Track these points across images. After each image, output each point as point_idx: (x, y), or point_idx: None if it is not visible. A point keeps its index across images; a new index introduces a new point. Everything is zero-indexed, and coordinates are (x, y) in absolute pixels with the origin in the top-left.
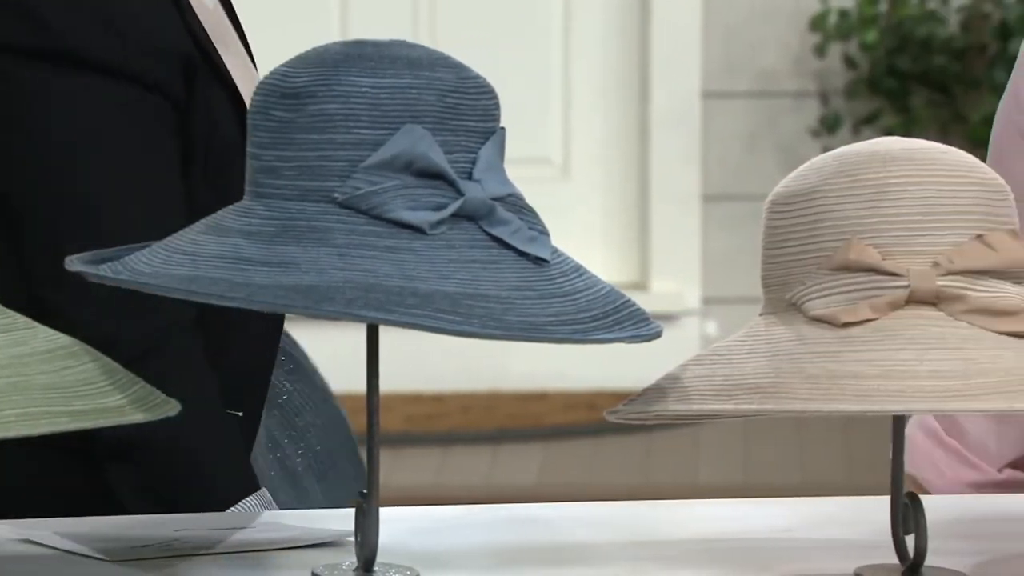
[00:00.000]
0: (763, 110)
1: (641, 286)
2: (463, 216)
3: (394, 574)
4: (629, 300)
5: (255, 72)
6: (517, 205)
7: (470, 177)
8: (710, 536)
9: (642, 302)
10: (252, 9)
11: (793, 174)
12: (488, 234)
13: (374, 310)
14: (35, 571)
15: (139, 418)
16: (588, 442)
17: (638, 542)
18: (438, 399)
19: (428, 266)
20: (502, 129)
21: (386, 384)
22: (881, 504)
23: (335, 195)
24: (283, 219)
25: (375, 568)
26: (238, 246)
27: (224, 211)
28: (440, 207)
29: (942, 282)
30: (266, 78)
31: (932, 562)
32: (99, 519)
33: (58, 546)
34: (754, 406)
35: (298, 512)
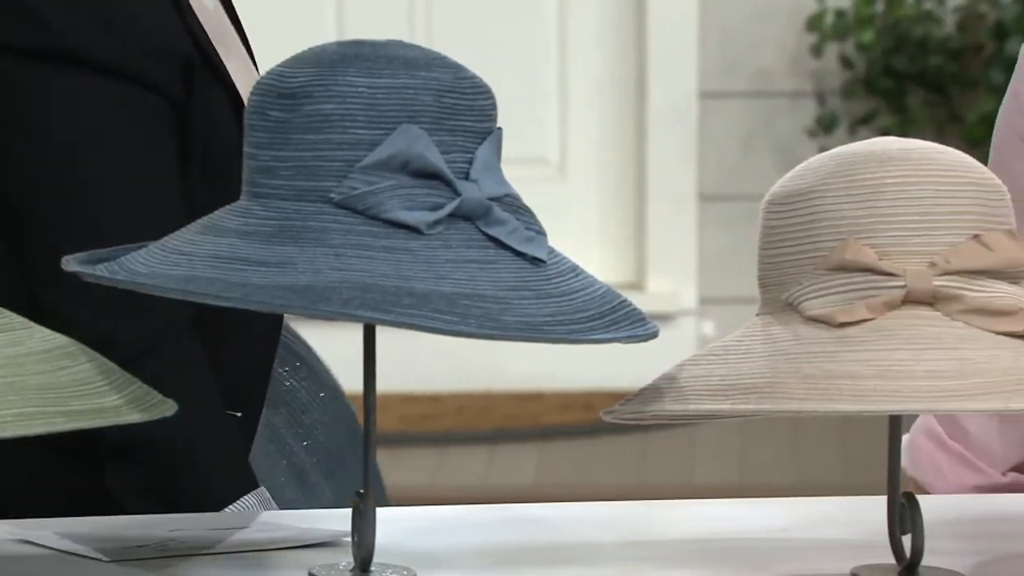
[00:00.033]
0: (759, 110)
1: (637, 286)
2: (460, 216)
3: (391, 574)
4: (626, 300)
5: (256, 73)
6: (514, 205)
7: (467, 177)
8: (706, 536)
9: (638, 302)
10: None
11: (790, 174)
12: (485, 234)
13: (371, 310)
14: (33, 571)
15: (136, 418)
16: (584, 442)
17: (635, 542)
18: (434, 399)
19: (425, 266)
20: (499, 129)
21: (382, 384)
22: (878, 504)
23: (332, 195)
24: (280, 219)
25: (372, 568)
26: (234, 246)
27: (221, 211)
28: (437, 207)
29: (939, 282)
30: (262, 78)
31: (929, 562)
32: (96, 519)
33: (55, 546)
34: (751, 406)
35: (295, 512)
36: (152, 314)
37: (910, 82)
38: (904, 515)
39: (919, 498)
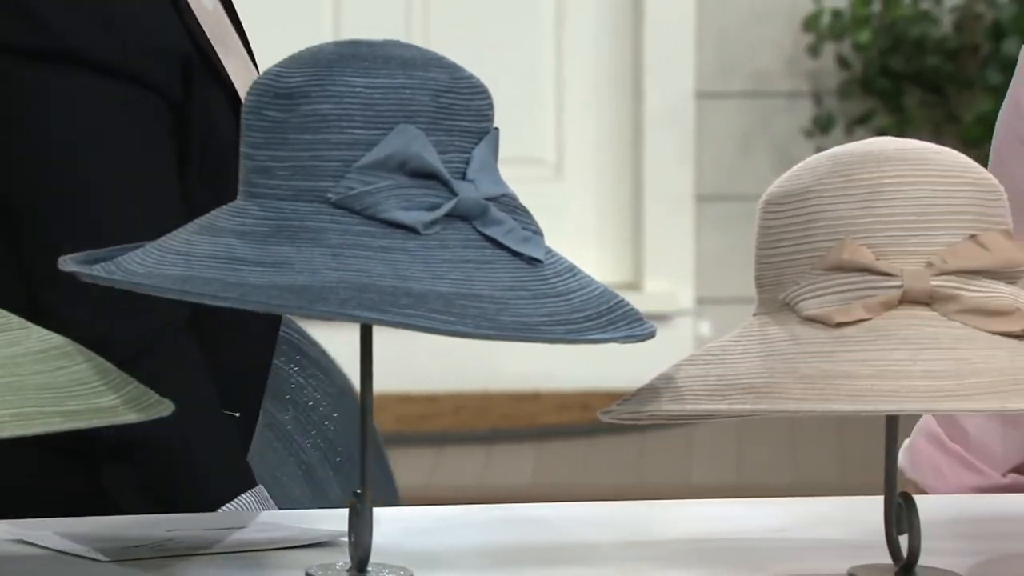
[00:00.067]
0: (756, 110)
1: (634, 286)
2: (457, 216)
3: (387, 574)
4: (623, 300)
5: (256, 73)
6: (511, 205)
7: (464, 177)
8: (703, 536)
9: (635, 302)
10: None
11: (787, 174)
12: (482, 234)
13: (368, 310)
14: (31, 571)
15: (132, 418)
16: (582, 442)
17: (632, 542)
18: (431, 399)
19: (422, 266)
20: (496, 129)
21: (379, 384)
22: (875, 504)
23: (329, 195)
24: (277, 219)
25: (369, 568)
26: (231, 246)
27: (218, 211)
28: (434, 207)
29: (936, 282)
30: (259, 78)
31: (926, 562)
32: (95, 519)
33: (53, 546)
34: (748, 406)
35: (292, 512)
36: (149, 314)
37: (907, 82)
38: (901, 515)
39: (916, 498)
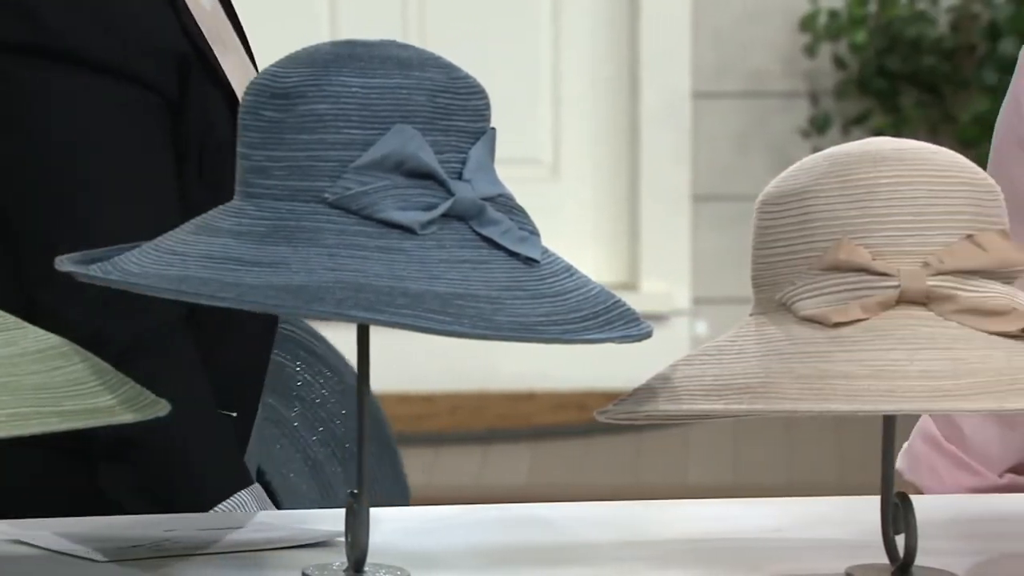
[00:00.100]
0: (753, 110)
1: (631, 286)
2: (453, 216)
3: (384, 574)
4: (619, 300)
5: (255, 73)
6: (507, 205)
7: (460, 177)
8: (700, 536)
9: (632, 302)
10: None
11: (783, 174)
12: (478, 234)
13: (364, 310)
14: (28, 571)
15: (129, 418)
16: (578, 442)
17: (628, 542)
18: (427, 399)
19: (418, 266)
20: (492, 129)
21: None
22: (871, 504)
23: (325, 195)
24: (273, 219)
25: (365, 568)
26: (228, 246)
27: (214, 211)
28: (430, 207)
29: (932, 282)
30: (256, 78)
31: (922, 562)
32: (92, 519)
33: (51, 547)
34: (744, 406)
35: (289, 512)
36: (144, 313)
37: (903, 82)
38: (897, 515)
39: (913, 498)
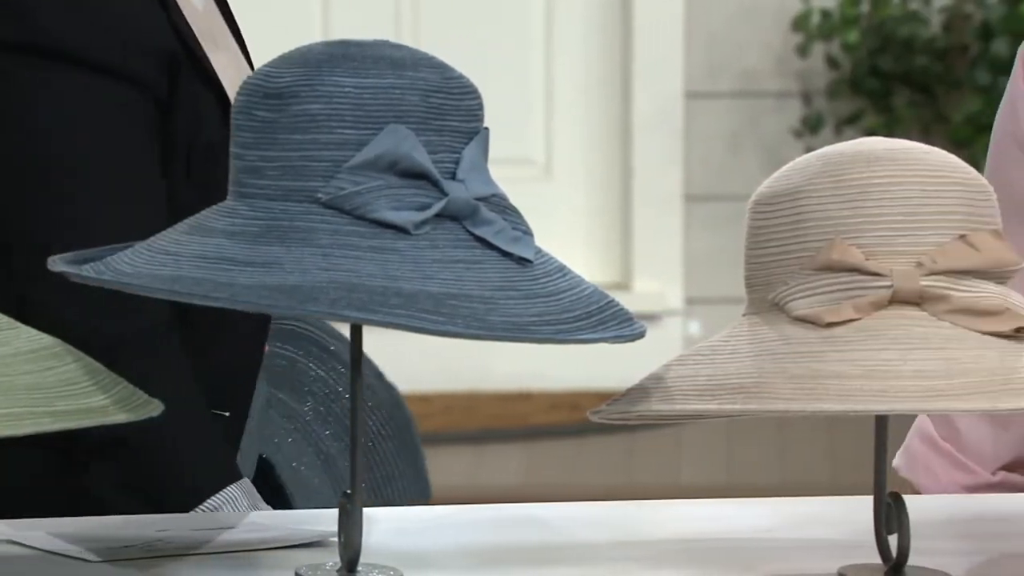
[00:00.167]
0: (745, 110)
1: (624, 286)
2: (447, 216)
3: (377, 574)
4: (613, 300)
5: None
6: (501, 205)
7: (454, 177)
8: (693, 536)
9: (625, 302)
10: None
11: (776, 174)
12: (472, 234)
13: (357, 310)
14: (21, 572)
15: (122, 418)
16: (571, 442)
17: (621, 542)
18: (421, 399)
19: (412, 266)
20: (486, 129)
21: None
22: (864, 504)
23: (319, 195)
24: (266, 219)
25: (358, 568)
26: (221, 246)
27: (207, 211)
28: (424, 207)
29: (925, 282)
30: (249, 78)
31: (915, 562)
32: (86, 519)
33: (44, 547)
34: (737, 406)
35: (282, 512)
36: (132, 312)
37: (896, 82)
38: (890, 515)
39: (905, 498)
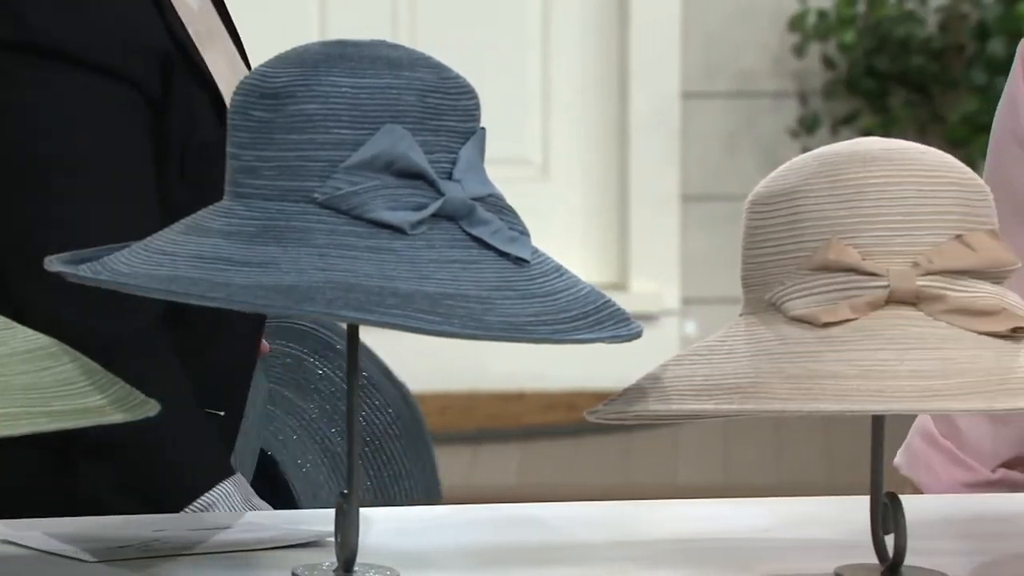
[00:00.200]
0: (742, 110)
1: (620, 286)
2: (443, 216)
3: (374, 574)
4: (609, 300)
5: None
6: (497, 205)
7: (450, 177)
8: (690, 536)
9: (621, 302)
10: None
11: (773, 174)
12: (468, 234)
13: (354, 310)
14: (17, 572)
15: (119, 418)
16: (568, 442)
17: (619, 542)
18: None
19: (408, 266)
20: (482, 129)
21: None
22: (861, 504)
23: (315, 195)
24: (263, 219)
25: (355, 568)
26: (218, 246)
27: (204, 211)
28: (420, 207)
29: (922, 282)
30: (246, 78)
31: (912, 562)
32: (80, 519)
33: (39, 546)
34: (734, 406)
35: (279, 512)
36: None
37: (892, 82)
38: (887, 515)
39: (902, 498)
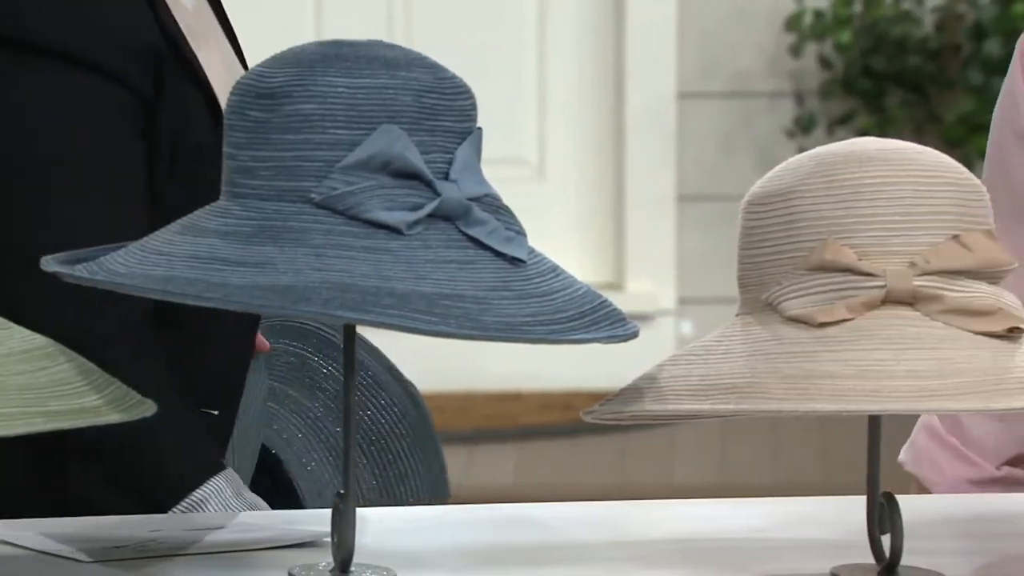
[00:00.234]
0: (738, 111)
1: (616, 286)
2: (440, 216)
3: (370, 574)
4: (606, 300)
5: (242, 71)
6: (494, 205)
7: (447, 177)
8: (686, 536)
9: (617, 302)
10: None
11: (769, 174)
12: (465, 234)
13: (350, 310)
14: (13, 572)
15: (115, 418)
16: (564, 442)
17: (615, 542)
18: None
19: (405, 266)
20: (479, 129)
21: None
22: (857, 504)
23: (312, 195)
24: (259, 219)
25: (352, 568)
26: (214, 246)
27: (200, 211)
28: (417, 207)
29: (918, 282)
30: (242, 78)
31: (908, 562)
32: (79, 519)
33: (35, 547)
34: (730, 406)
35: (275, 512)
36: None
37: (888, 82)
38: (883, 515)
39: (899, 498)
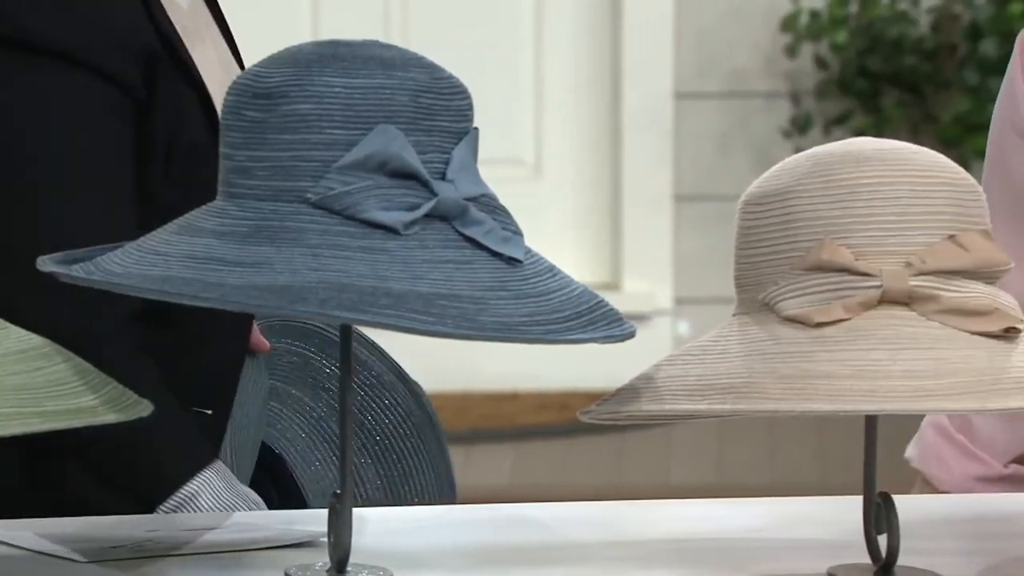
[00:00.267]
0: (735, 110)
1: (613, 286)
2: (436, 216)
3: (367, 574)
4: (602, 300)
5: (239, 70)
6: (491, 205)
7: (443, 177)
8: (683, 536)
9: (614, 302)
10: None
11: (766, 174)
12: (461, 234)
13: (347, 310)
14: (9, 572)
15: (112, 418)
16: (561, 442)
17: (612, 542)
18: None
19: (401, 266)
20: (475, 129)
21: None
22: (854, 504)
23: (308, 195)
24: (256, 219)
25: (348, 568)
26: (211, 246)
27: (197, 211)
28: (413, 207)
29: (915, 282)
30: (238, 78)
31: (905, 562)
32: (73, 520)
33: (31, 547)
34: (727, 406)
35: (272, 512)
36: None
37: (884, 82)
38: (880, 515)
39: (895, 498)
